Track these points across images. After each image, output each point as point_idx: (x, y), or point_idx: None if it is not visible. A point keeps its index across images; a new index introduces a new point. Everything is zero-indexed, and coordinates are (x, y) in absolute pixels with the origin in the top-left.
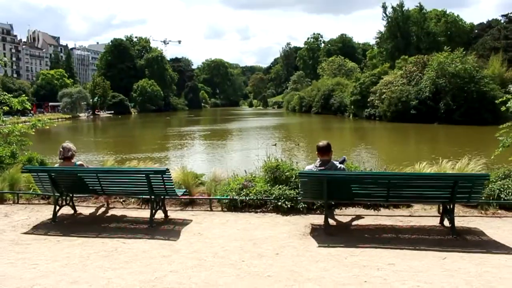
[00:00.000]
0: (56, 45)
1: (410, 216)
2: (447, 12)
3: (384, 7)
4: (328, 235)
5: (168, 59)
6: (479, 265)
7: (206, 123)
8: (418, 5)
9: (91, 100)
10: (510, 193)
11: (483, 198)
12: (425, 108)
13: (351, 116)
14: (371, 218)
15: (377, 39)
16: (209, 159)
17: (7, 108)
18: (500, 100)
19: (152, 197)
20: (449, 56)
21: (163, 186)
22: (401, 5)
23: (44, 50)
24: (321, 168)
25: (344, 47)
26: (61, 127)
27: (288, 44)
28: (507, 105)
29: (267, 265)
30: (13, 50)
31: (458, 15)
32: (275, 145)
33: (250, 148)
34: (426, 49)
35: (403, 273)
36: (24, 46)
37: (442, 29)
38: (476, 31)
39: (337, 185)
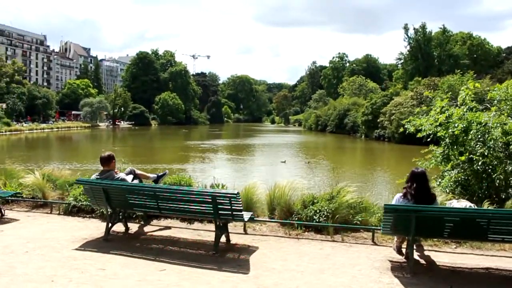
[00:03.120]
0: (86, 56)
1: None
2: (474, 35)
3: (406, 29)
4: (106, 241)
5: (195, 73)
6: (185, 279)
7: (220, 137)
8: (442, 27)
9: (111, 110)
10: (323, 215)
11: (296, 219)
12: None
13: (363, 137)
14: (176, 230)
15: (398, 61)
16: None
17: None
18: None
19: None
20: (459, 79)
21: None
22: (423, 27)
23: (74, 60)
24: (99, 177)
25: (369, 67)
26: (80, 135)
27: (314, 62)
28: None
29: (2, 260)
30: (45, 60)
31: (485, 38)
32: (284, 161)
33: (259, 164)
34: (448, 72)
35: (106, 278)
36: (55, 56)
37: (466, 52)
38: (504, 54)
39: (114, 194)
